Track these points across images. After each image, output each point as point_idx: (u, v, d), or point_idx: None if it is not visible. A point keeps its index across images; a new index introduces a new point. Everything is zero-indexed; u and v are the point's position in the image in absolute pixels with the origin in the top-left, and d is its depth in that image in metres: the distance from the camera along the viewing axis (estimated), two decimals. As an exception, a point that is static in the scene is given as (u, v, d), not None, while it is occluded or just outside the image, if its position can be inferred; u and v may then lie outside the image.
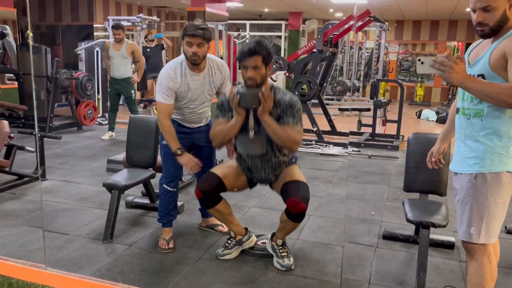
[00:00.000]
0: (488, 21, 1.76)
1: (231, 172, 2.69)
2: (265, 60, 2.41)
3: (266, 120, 2.41)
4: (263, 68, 2.41)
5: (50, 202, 3.74)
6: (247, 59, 2.38)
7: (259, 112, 2.40)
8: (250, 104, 2.41)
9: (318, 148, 6.00)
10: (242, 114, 2.46)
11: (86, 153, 5.60)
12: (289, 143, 2.43)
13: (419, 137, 2.91)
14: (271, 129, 2.41)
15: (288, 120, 2.45)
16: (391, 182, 4.58)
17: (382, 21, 8.21)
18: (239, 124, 2.49)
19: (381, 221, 3.49)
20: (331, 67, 7.61)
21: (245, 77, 2.43)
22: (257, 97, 2.38)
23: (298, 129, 2.46)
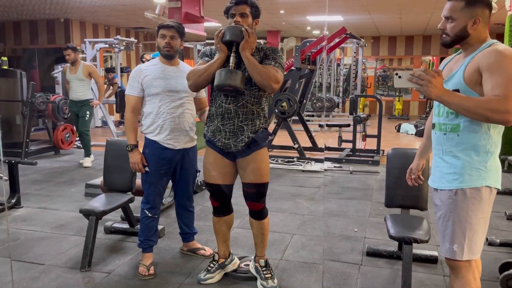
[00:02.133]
0: (448, 31, 1.79)
1: (219, 169, 2.58)
2: (253, 11, 2.45)
3: (247, 55, 2.35)
4: (250, 18, 2.45)
5: (24, 231, 3.61)
6: (236, 6, 2.41)
7: (241, 46, 2.36)
8: (233, 37, 2.36)
9: (300, 165, 5.99)
10: (224, 51, 2.41)
11: (63, 177, 5.46)
12: (268, 80, 2.35)
13: (398, 152, 2.92)
14: (251, 64, 2.34)
15: (270, 62, 2.43)
16: (373, 197, 4.59)
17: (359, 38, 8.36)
18: (220, 61, 2.41)
19: (364, 237, 3.47)
20: (310, 84, 7.69)
21: (231, 24, 2.43)
22: (240, 32, 2.35)
23: (279, 71, 2.42)
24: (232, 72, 2.36)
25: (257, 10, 2.47)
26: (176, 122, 2.80)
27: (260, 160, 2.55)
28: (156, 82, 2.76)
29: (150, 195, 2.86)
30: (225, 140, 2.51)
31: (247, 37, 2.35)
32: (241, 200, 4.48)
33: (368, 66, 14.12)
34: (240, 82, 2.36)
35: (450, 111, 1.78)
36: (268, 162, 2.63)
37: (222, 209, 2.72)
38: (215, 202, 2.69)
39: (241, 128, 2.49)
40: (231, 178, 2.65)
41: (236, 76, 2.35)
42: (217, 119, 2.52)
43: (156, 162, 2.81)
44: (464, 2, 1.75)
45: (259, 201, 2.61)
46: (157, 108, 2.77)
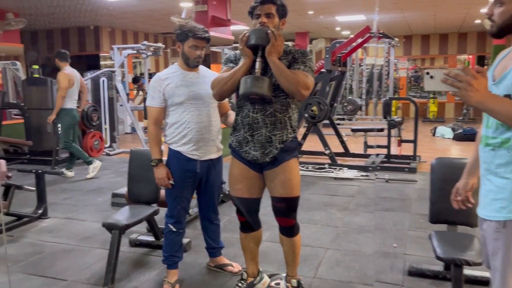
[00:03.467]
0: (496, 17, 1.47)
1: (245, 182, 2.41)
2: (279, 11, 2.26)
3: (274, 60, 2.17)
4: (276, 18, 2.27)
5: (49, 243, 3.54)
6: (261, 6, 2.24)
7: (267, 50, 2.17)
8: (259, 41, 2.17)
9: (331, 172, 5.74)
10: (250, 56, 2.23)
11: (91, 186, 5.42)
12: (297, 86, 2.16)
13: (443, 163, 2.66)
14: (279, 69, 2.16)
15: (299, 66, 2.24)
16: (412, 208, 4.29)
17: (391, 37, 8.03)
18: (245, 67, 2.24)
19: (404, 254, 3.21)
20: (341, 86, 7.42)
21: (257, 25, 2.25)
22: (266, 35, 2.16)
23: (309, 76, 2.22)
24: (258, 79, 2.17)
25: (284, 9, 2.29)
26: (202, 131, 2.63)
27: (289, 171, 2.35)
28: (179, 90, 2.60)
29: (174, 209, 2.71)
30: (252, 152, 2.33)
31: (274, 40, 2.16)
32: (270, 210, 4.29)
33: (400, 67, 13.67)
34: (267, 89, 2.17)
35: (500, 122, 1.42)
36: (298, 173, 2.43)
37: (249, 225, 2.52)
38: (242, 217, 2.50)
39: (269, 138, 2.30)
40: (259, 191, 2.46)
41: (263, 83, 2.17)
42: (244, 129, 2.34)
43: (181, 174, 2.65)
44: None
45: (290, 216, 2.41)
46: (181, 117, 2.61)
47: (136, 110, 9.05)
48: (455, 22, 10.72)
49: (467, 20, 10.32)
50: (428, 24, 11.14)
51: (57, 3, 7.73)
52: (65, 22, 9.95)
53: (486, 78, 1.34)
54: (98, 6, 8.04)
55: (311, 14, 9.50)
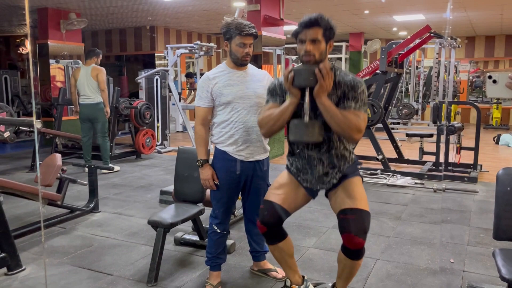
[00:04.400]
0: None
1: (287, 192, 2.31)
2: (326, 34, 2.07)
3: (323, 102, 2.03)
4: (323, 43, 2.07)
5: (99, 237, 3.62)
6: (305, 30, 2.05)
7: (315, 91, 2.03)
8: (305, 82, 2.04)
9: (384, 178, 5.49)
10: (297, 95, 2.09)
11: (141, 183, 5.53)
12: (349, 131, 2.03)
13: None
14: (328, 113, 2.03)
15: (350, 104, 2.07)
16: (472, 221, 3.98)
17: (454, 37, 7.58)
18: (293, 107, 2.11)
19: (463, 271, 2.96)
20: (396, 89, 7.11)
21: (301, 52, 2.08)
22: (314, 74, 2.01)
23: (361, 115, 2.06)
24: (308, 127, 2.06)
25: (331, 31, 2.09)
26: (249, 132, 2.55)
27: (355, 186, 2.23)
28: (226, 89, 2.53)
29: (219, 210, 2.66)
30: (310, 183, 2.28)
31: (322, 81, 2.01)
32: (317, 215, 4.15)
33: (461, 70, 12.94)
34: (317, 135, 2.07)
35: None
36: (364, 191, 2.25)
37: (272, 235, 2.34)
38: (263, 226, 2.30)
39: (327, 173, 2.23)
40: (293, 206, 2.33)
41: (313, 130, 2.06)
42: (299, 161, 2.28)
43: (226, 175, 2.59)
44: None
45: (360, 235, 2.10)
46: (228, 117, 2.55)
47: (187, 109, 9.19)
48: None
49: (538, 20, 9.58)
50: (494, 24, 10.44)
51: (115, 4, 8.00)
52: (123, 22, 10.30)
53: None
54: (154, 6, 8.24)
55: (367, 14, 9.20)
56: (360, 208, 2.15)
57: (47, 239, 3.56)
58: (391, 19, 9.71)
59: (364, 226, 2.13)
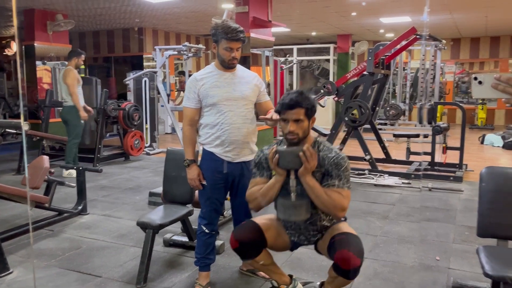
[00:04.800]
0: None
1: (274, 227, 2.37)
2: (308, 113, 2.15)
3: (308, 182, 2.12)
4: (305, 122, 2.15)
5: (87, 239, 3.60)
6: (288, 111, 2.12)
7: (300, 173, 2.11)
8: (290, 165, 2.12)
9: (371, 178, 5.55)
10: (282, 175, 2.18)
11: (130, 184, 5.51)
12: (333, 210, 2.13)
13: (495, 172, 2.47)
14: (313, 193, 2.12)
15: (334, 182, 2.14)
16: (457, 220, 4.05)
17: (439, 39, 7.70)
18: (279, 185, 2.21)
19: (448, 268, 3.01)
20: (383, 90, 7.19)
21: (285, 131, 2.16)
22: (298, 157, 2.09)
23: (345, 193, 2.13)
24: (296, 207, 2.15)
25: (313, 109, 2.17)
26: (236, 133, 2.57)
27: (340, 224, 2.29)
28: (213, 91, 2.55)
29: (207, 211, 2.68)
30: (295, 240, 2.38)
31: (306, 163, 2.07)
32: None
33: (447, 71, 13.11)
34: (305, 214, 2.17)
35: None
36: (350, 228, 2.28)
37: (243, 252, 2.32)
38: (236, 242, 2.27)
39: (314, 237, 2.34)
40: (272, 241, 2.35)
41: (300, 209, 2.15)
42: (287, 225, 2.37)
43: (213, 176, 2.61)
44: None
45: (356, 252, 2.05)
46: (215, 118, 2.57)
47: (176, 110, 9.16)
48: (508, 23, 10.15)
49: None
50: (479, 26, 10.61)
51: (103, 5, 7.96)
52: (111, 23, 10.24)
53: None
54: (142, 8, 8.21)
55: (354, 16, 9.28)
56: (350, 232, 2.20)
57: (35, 241, 3.54)
58: (378, 21, 9.81)
59: (357, 245, 2.12)
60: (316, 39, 13.18)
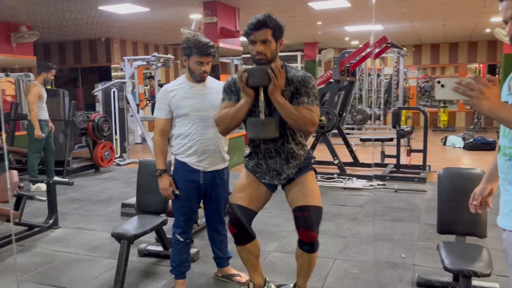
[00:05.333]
0: None
1: (250, 192, 2.42)
2: (275, 34, 2.18)
3: (277, 99, 2.15)
4: (273, 43, 2.18)
5: (60, 253, 3.58)
6: (256, 32, 2.15)
7: (269, 90, 2.15)
8: (259, 82, 2.15)
9: (340, 182, 5.72)
10: (251, 95, 2.20)
11: (101, 196, 5.47)
12: (304, 125, 2.18)
13: (451, 173, 2.64)
14: (283, 110, 2.16)
15: (303, 99, 2.21)
16: (421, 218, 4.25)
17: (400, 46, 8.03)
18: (248, 106, 2.22)
19: (413, 264, 3.18)
20: (350, 96, 7.42)
21: (253, 52, 2.20)
22: (266, 74, 2.12)
23: (314, 109, 2.21)
24: (264, 124, 2.20)
25: (280, 30, 2.20)
26: (207, 143, 2.65)
27: (308, 182, 2.38)
28: (184, 102, 2.63)
29: (180, 220, 2.74)
30: (268, 177, 2.40)
31: (275, 80, 2.13)
32: (278, 220, 4.29)
33: (410, 76, 13.60)
34: (274, 131, 2.21)
35: None
36: (317, 185, 2.43)
37: (242, 236, 2.45)
38: (234, 228, 2.42)
39: (284, 165, 2.36)
40: (259, 205, 2.46)
41: (270, 127, 2.19)
42: (257, 156, 2.39)
43: (186, 185, 2.68)
44: None
45: (313, 229, 2.30)
46: (186, 128, 2.64)
47: (146, 120, 9.12)
48: (465, 31, 10.67)
49: (477, 29, 10.27)
50: (438, 33, 11.10)
51: (69, 16, 7.88)
52: (77, 34, 10.12)
53: (497, 86, 1.32)
54: (110, 19, 8.18)
55: (320, 25, 9.54)
56: (312, 205, 2.32)
57: (6, 257, 3.49)
58: (342, 29, 10.11)
59: (317, 221, 2.33)
60: (284, 47, 13.40)
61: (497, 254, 3.08)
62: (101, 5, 6.91)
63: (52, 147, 6.02)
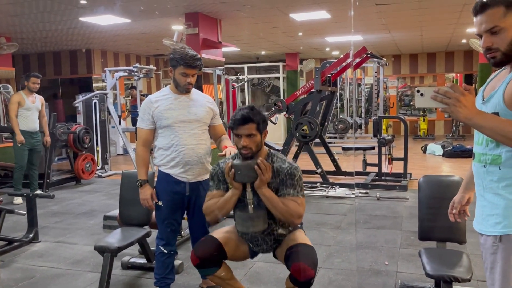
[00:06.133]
0: (498, 44, 1.47)
1: (232, 239, 2.44)
2: (260, 127, 2.24)
3: (264, 193, 2.21)
4: (258, 136, 2.24)
5: (40, 267, 3.50)
6: (240, 127, 2.21)
7: (256, 185, 2.20)
8: (246, 179, 2.20)
9: (323, 191, 5.77)
10: (239, 188, 2.25)
11: (83, 209, 5.39)
12: (290, 218, 2.22)
13: (430, 180, 2.70)
14: (270, 203, 2.21)
15: (289, 191, 2.25)
16: (404, 226, 4.32)
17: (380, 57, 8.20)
18: (236, 197, 2.27)
19: (396, 271, 3.22)
20: (331, 105, 7.52)
21: (239, 146, 2.25)
22: (253, 170, 2.17)
23: (299, 201, 2.25)
24: (253, 218, 2.24)
25: (264, 123, 2.26)
26: (190, 154, 2.65)
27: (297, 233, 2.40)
28: (167, 113, 2.63)
29: (164, 231, 2.73)
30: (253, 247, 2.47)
31: (261, 176, 2.17)
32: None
33: (390, 86, 13.85)
34: (262, 224, 2.26)
35: (490, 139, 1.49)
36: (306, 237, 2.42)
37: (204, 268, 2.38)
38: (196, 258, 2.33)
39: (271, 248, 2.44)
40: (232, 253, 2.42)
41: (258, 221, 2.24)
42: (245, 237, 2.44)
43: (170, 197, 2.67)
44: (504, 6, 1.44)
45: (310, 263, 2.17)
46: (169, 140, 2.64)
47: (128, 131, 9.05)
48: (441, 41, 10.95)
49: (453, 39, 10.56)
50: (416, 44, 11.37)
51: (49, 27, 7.81)
52: (57, 45, 10.03)
53: (473, 95, 1.39)
54: (90, 30, 8.13)
55: (301, 36, 9.67)
56: (305, 243, 2.31)
57: (-16, 274, 3.40)
58: (323, 40, 10.27)
59: (312, 257, 2.24)
60: (266, 58, 13.54)
61: (477, 259, 3.15)
62: (82, 16, 6.87)
63: (34, 161, 5.88)
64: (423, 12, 7.34)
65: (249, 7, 6.62)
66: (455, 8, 7.02)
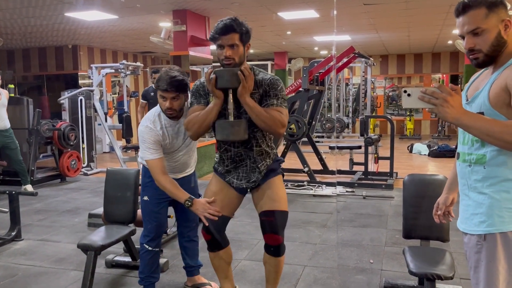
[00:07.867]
0: (480, 46, 1.49)
1: (222, 198, 2.41)
2: (243, 38, 2.17)
3: (247, 101, 2.15)
4: (241, 47, 2.17)
5: (23, 266, 3.45)
6: (223, 37, 2.13)
7: (239, 92, 2.14)
8: (228, 84, 2.13)
9: (310, 189, 5.78)
10: (220, 97, 2.19)
11: (67, 207, 5.32)
12: (274, 126, 2.18)
13: (415, 179, 2.72)
14: (253, 111, 2.15)
15: (272, 101, 2.22)
16: (389, 224, 4.35)
17: (367, 56, 8.24)
18: (217, 108, 2.20)
19: (381, 269, 3.24)
20: (319, 104, 7.54)
21: (221, 57, 2.18)
22: (236, 76, 2.11)
23: (283, 111, 2.22)
24: (233, 125, 2.20)
25: (247, 34, 2.19)
26: (180, 168, 2.72)
27: (275, 187, 2.38)
28: (172, 145, 2.61)
29: (151, 226, 2.70)
30: (237, 181, 2.39)
31: (244, 82, 2.12)
32: (249, 228, 4.29)
33: (377, 85, 13.96)
34: (243, 132, 2.21)
35: (475, 138, 1.49)
36: (284, 189, 2.44)
37: (215, 242, 2.45)
38: (207, 235, 2.41)
39: (253, 169, 2.37)
40: (231, 210, 2.46)
41: (239, 128, 2.19)
42: (227, 161, 2.39)
43: (155, 189, 2.63)
44: (486, 7, 1.46)
45: (279, 233, 2.33)
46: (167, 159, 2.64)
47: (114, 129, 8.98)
48: (428, 42, 11.06)
49: (440, 40, 10.67)
50: (403, 44, 11.46)
51: (34, 23, 7.68)
52: (42, 41, 9.87)
53: (460, 95, 1.39)
54: (77, 26, 8.02)
55: (289, 35, 9.68)
56: (278, 209, 2.33)
57: (-36, 272, 3.34)
58: (311, 39, 10.29)
59: (282, 225, 2.35)
60: (254, 56, 13.52)
61: (460, 258, 3.19)
62: (68, 11, 6.78)
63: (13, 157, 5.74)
64: (410, 12, 7.40)
65: (238, 5, 6.59)
66: (442, 10, 7.09)
